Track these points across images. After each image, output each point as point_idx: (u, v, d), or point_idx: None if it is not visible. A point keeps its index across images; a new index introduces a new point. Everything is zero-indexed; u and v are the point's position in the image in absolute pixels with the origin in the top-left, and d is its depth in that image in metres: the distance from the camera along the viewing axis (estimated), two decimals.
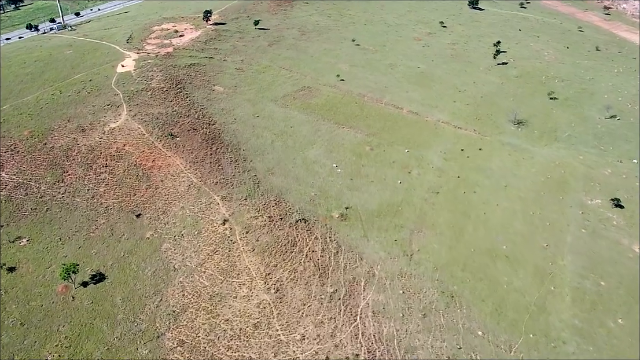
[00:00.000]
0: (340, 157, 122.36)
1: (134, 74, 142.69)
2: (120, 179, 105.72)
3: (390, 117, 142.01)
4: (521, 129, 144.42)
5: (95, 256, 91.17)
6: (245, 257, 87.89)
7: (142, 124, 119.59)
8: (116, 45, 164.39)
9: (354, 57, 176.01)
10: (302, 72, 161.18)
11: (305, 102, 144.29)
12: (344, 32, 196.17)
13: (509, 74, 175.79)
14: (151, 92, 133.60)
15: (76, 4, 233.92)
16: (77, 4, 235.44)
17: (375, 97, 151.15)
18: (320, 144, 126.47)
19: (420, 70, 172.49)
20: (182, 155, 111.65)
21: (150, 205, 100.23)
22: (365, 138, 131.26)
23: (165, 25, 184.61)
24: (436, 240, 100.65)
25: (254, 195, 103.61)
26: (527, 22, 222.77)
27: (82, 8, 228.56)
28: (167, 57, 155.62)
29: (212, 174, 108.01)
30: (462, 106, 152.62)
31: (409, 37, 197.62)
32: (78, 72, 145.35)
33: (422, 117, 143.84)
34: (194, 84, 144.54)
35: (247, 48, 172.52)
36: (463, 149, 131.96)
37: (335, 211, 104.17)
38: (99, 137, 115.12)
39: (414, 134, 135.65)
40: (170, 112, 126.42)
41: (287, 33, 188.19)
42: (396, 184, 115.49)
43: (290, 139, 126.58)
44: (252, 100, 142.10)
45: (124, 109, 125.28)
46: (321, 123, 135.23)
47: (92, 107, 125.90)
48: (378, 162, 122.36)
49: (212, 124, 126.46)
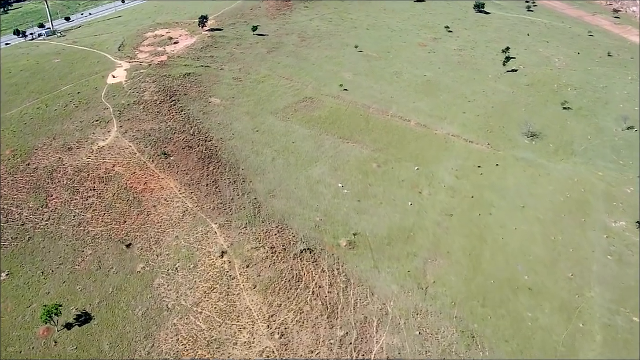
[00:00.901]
0: (345, 176, 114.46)
1: (125, 85, 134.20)
2: (109, 203, 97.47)
3: (397, 131, 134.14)
4: (535, 141, 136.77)
5: (80, 293, 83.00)
6: (246, 296, 79.76)
7: (134, 142, 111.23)
8: (107, 54, 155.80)
9: (357, 65, 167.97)
10: (303, 81, 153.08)
11: (307, 115, 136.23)
12: (345, 37, 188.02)
13: (519, 82, 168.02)
14: (143, 106, 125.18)
15: (66, 8, 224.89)
16: (68, 7, 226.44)
17: (380, 108, 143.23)
18: (324, 161, 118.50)
19: (427, 78, 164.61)
20: (176, 177, 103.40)
21: (142, 234, 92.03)
22: (372, 154, 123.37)
23: (158, 31, 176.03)
24: (452, 270, 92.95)
25: (254, 221, 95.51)
26: (535, 27, 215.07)
27: (72, 12, 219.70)
28: (160, 67, 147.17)
29: (208, 197, 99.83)
30: (472, 117, 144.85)
31: (413, 42, 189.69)
32: (66, 84, 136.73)
33: (431, 130, 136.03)
34: (189, 95, 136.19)
35: (245, 55, 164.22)
36: (475, 164, 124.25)
37: (342, 238, 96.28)
38: (87, 156, 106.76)
39: (423, 149, 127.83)
40: (163, 128, 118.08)
41: (286, 39, 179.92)
42: (406, 206, 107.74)
43: (292, 156, 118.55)
44: (251, 112, 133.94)
45: (113, 125, 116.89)
46: (325, 138, 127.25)
47: (79, 123, 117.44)
48: (386, 181, 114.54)
49: (209, 140, 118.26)
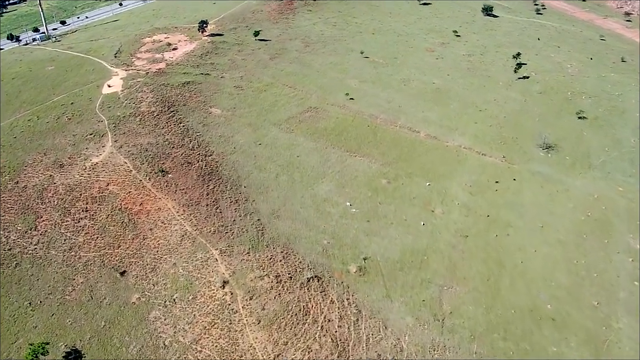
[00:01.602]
0: (354, 193, 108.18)
1: (121, 95, 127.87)
2: (103, 226, 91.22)
3: (406, 143, 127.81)
4: (551, 154, 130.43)
5: (70, 327, 76.82)
6: (250, 333, 73.49)
7: (129, 158, 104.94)
8: (103, 61, 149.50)
9: (363, 72, 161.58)
10: (307, 89, 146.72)
11: (312, 126, 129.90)
12: (351, 42, 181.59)
13: (531, 89, 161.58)
14: (140, 118, 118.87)
15: (62, 11, 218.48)
16: (64, 10, 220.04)
17: (388, 118, 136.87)
18: (330, 177, 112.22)
19: (436, 86, 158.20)
20: (174, 197, 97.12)
21: (137, 261, 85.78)
22: (381, 168, 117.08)
23: (157, 36, 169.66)
24: (470, 299, 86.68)
25: (257, 246, 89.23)
26: (546, 31, 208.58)
27: (68, 15, 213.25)
28: (158, 75, 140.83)
29: (209, 219, 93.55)
30: (484, 128, 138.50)
31: (420, 47, 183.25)
32: (59, 93, 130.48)
33: (442, 142, 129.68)
34: (189, 106, 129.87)
35: (246, 62, 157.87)
36: (489, 180, 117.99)
37: (352, 264, 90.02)
38: (79, 174, 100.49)
39: (435, 163, 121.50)
40: (161, 142, 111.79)
41: (289, 45, 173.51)
42: (419, 226, 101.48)
43: (296, 172, 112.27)
44: (253, 124, 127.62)
45: (108, 139, 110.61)
46: (331, 151, 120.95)
47: (72, 137, 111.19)
48: (397, 199, 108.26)
49: (209, 155, 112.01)
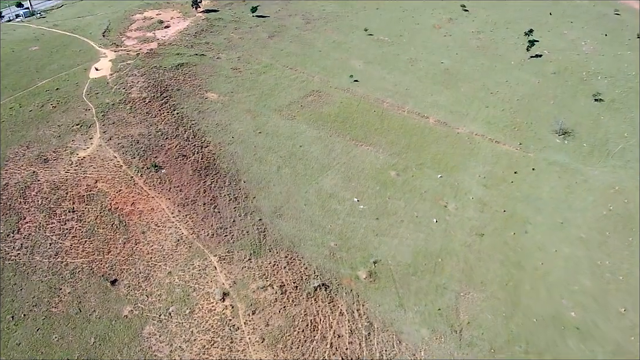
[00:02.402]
0: (361, 188, 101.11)
1: (110, 80, 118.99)
2: (91, 229, 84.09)
3: (415, 130, 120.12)
4: (567, 141, 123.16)
5: (57, 344, 70.52)
6: (253, 353, 67.32)
7: (119, 151, 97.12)
8: (90, 40, 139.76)
9: (368, 51, 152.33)
10: (309, 71, 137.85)
11: (315, 112, 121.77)
12: (354, 19, 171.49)
13: (545, 70, 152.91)
14: (130, 105, 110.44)
15: None
16: None
17: (396, 103, 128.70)
18: (336, 169, 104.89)
19: (445, 66, 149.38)
20: (168, 195, 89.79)
21: (129, 268, 79.01)
22: (389, 159, 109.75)
23: (148, 12, 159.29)
24: (488, 307, 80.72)
25: (260, 251, 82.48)
26: (558, 5, 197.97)
27: None
28: (150, 56, 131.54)
29: (206, 220, 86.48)
30: (496, 113, 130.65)
31: (427, 24, 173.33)
32: (43, 78, 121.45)
33: (453, 129, 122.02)
34: (183, 90, 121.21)
35: (244, 41, 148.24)
36: (504, 170, 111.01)
37: (361, 268, 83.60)
38: (65, 170, 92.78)
39: (446, 152, 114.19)
40: (153, 133, 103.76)
41: (289, 21, 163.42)
42: (431, 224, 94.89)
43: (300, 164, 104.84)
44: (252, 110, 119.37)
45: (96, 130, 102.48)
46: (335, 140, 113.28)
47: (57, 128, 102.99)
48: (407, 193, 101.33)
49: (205, 146, 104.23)
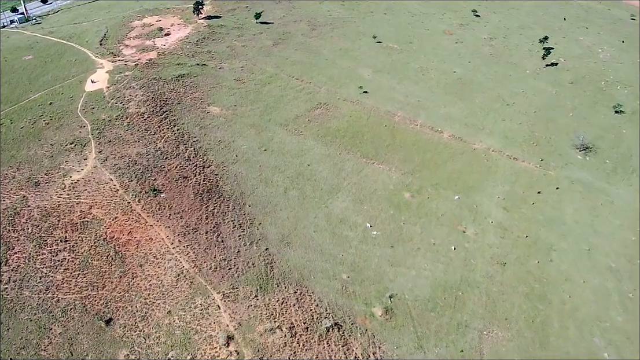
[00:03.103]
0: (373, 211, 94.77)
1: (107, 93, 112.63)
2: (85, 260, 77.84)
3: (429, 146, 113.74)
4: (589, 157, 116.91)
5: None
6: None
7: (115, 174, 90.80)
8: (86, 49, 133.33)
9: (377, 59, 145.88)
10: (315, 81, 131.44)
11: (323, 126, 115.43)
12: (361, 24, 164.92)
13: (561, 78, 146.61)
14: (128, 122, 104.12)
15: None
16: None
17: (407, 116, 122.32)
18: (346, 190, 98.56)
19: (457, 75, 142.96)
20: (168, 223, 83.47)
21: (125, 306, 72.75)
22: (402, 178, 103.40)
23: (147, 19, 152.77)
24: (515, 347, 74.46)
25: (267, 286, 76.18)
26: (571, 9, 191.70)
27: None
28: (149, 66, 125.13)
29: (209, 251, 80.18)
30: (513, 126, 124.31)
31: (437, 30, 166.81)
32: (37, 90, 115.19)
33: (468, 144, 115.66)
34: (184, 104, 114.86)
35: (247, 50, 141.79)
36: (525, 191, 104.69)
37: (376, 304, 77.32)
38: (58, 194, 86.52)
39: (462, 171, 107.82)
40: (152, 152, 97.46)
41: (294, 28, 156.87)
42: (450, 252, 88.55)
43: (308, 185, 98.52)
44: (257, 125, 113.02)
45: (91, 150, 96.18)
46: (345, 157, 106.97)
47: (50, 147, 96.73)
48: (422, 217, 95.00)
49: (207, 166, 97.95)
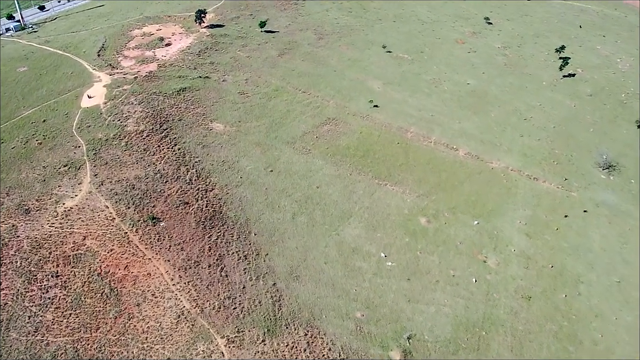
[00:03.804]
0: (387, 239, 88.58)
1: (104, 109, 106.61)
2: (78, 298, 71.81)
3: (444, 165, 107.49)
4: (613, 176, 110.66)
5: None
6: None
7: (112, 200, 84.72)
8: (83, 61, 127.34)
9: (387, 70, 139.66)
10: (323, 94, 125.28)
11: (332, 144, 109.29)
12: (370, 33, 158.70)
13: (580, 91, 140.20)
14: (126, 141, 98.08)
15: None
16: None
17: (421, 132, 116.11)
18: (358, 215, 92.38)
19: (471, 87, 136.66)
20: (168, 255, 77.34)
21: (120, 351, 66.67)
22: (418, 202, 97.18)
23: (147, 27, 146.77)
24: None
25: (274, 329, 69.99)
26: (587, 16, 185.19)
27: None
28: (149, 80, 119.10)
29: (212, 288, 74.05)
30: (532, 143, 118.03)
31: (449, 38, 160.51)
32: (30, 106, 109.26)
33: (486, 163, 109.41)
34: (185, 120, 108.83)
35: (251, 60, 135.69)
36: (547, 215, 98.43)
37: (394, 346, 71.14)
38: (49, 223, 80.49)
39: (481, 193, 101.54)
40: (151, 175, 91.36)
41: (300, 37, 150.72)
42: (471, 285, 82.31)
43: (317, 210, 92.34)
44: (262, 143, 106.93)
45: (86, 173, 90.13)
46: (356, 179, 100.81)
47: (42, 170, 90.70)
48: (440, 245, 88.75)
49: (210, 190, 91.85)
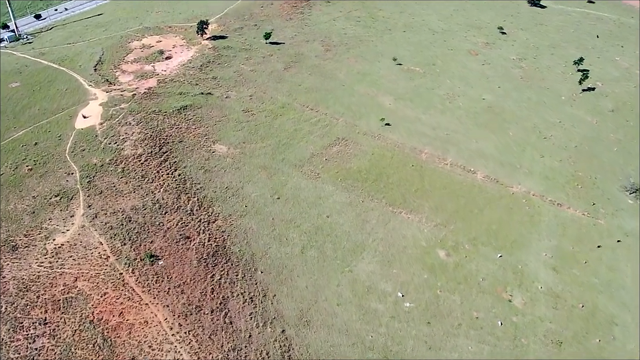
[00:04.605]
0: (404, 275, 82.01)
1: (100, 131, 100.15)
2: (67, 349, 65.40)
3: (462, 190, 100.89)
4: None
5: None
6: None
7: (106, 235, 78.21)
8: (79, 76, 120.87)
9: (398, 85, 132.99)
10: (332, 112, 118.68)
11: (342, 167, 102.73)
12: (379, 44, 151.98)
13: (601, 106, 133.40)
14: (123, 167, 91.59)
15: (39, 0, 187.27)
16: None
17: (436, 153, 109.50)
18: (372, 248, 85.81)
19: (487, 103, 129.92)
20: (166, 300, 70.79)
21: None
22: (435, 232, 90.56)
23: (147, 39, 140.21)
24: None
25: None
26: (603, 25, 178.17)
27: (46, 5, 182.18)
28: (148, 97, 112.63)
29: (214, 338, 67.45)
30: (554, 164, 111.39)
31: (462, 49, 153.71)
32: (21, 127, 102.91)
33: (506, 188, 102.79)
34: (186, 142, 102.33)
35: (256, 75, 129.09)
36: (574, 246, 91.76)
37: None
38: (38, 262, 74.04)
39: (502, 221, 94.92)
40: (149, 205, 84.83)
41: (307, 48, 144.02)
42: (496, 328, 75.68)
43: (328, 242, 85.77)
44: (268, 166, 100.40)
45: (79, 204, 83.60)
46: (369, 206, 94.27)
47: (32, 200, 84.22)
48: (461, 282, 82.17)
49: (213, 221, 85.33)
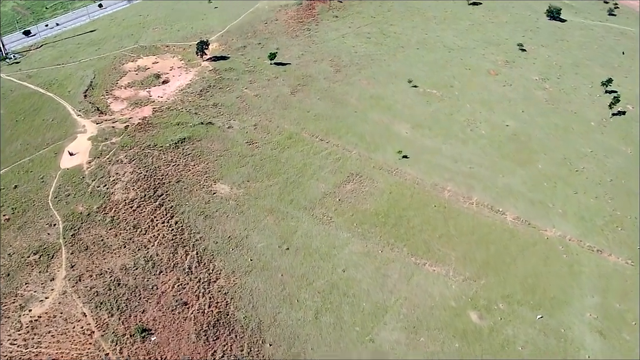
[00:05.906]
0: (434, 346, 71.65)
1: (88, 171, 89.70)
2: None
3: (492, 235, 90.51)
4: None
5: None
6: None
7: (91, 303, 67.71)
8: (67, 103, 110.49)
9: (415, 110, 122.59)
10: (344, 143, 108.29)
11: (357, 209, 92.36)
12: (392, 63, 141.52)
13: (633, 133, 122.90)
14: (112, 215, 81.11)
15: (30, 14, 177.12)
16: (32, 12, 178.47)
17: (460, 191, 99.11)
18: (395, 311, 75.44)
19: (511, 130, 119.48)
20: None
21: None
22: (465, 288, 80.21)
23: (142, 60, 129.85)
24: None
25: None
26: (628, 40, 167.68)
27: (36, 20, 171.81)
28: (142, 128, 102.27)
29: None
30: (589, 202, 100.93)
31: (480, 69, 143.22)
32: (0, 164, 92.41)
33: (539, 231, 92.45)
34: (184, 182, 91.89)
35: (261, 100, 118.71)
36: (620, 303, 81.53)
37: None
38: (10, 340, 63.57)
39: (538, 273, 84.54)
40: (142, 264, 74.36)
41: (315, 69, 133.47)
42: None
43: (345, 304, 75.35)
44: (275, 210, 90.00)
45: (61, 263, 73.08)
46: (389, 256, 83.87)
47: (7, 259, 73.78)
48: (498, 351, 72.04)
49: (214, 280, 74.91)
